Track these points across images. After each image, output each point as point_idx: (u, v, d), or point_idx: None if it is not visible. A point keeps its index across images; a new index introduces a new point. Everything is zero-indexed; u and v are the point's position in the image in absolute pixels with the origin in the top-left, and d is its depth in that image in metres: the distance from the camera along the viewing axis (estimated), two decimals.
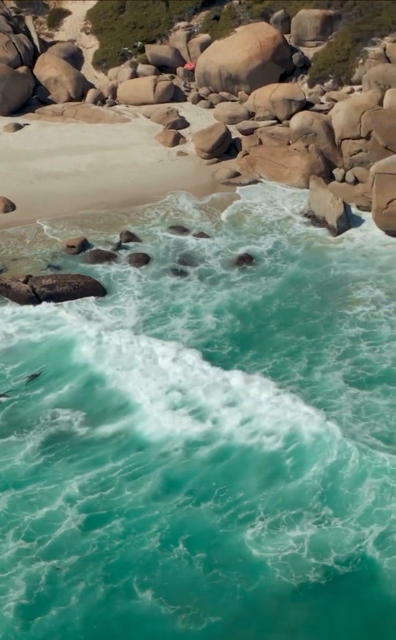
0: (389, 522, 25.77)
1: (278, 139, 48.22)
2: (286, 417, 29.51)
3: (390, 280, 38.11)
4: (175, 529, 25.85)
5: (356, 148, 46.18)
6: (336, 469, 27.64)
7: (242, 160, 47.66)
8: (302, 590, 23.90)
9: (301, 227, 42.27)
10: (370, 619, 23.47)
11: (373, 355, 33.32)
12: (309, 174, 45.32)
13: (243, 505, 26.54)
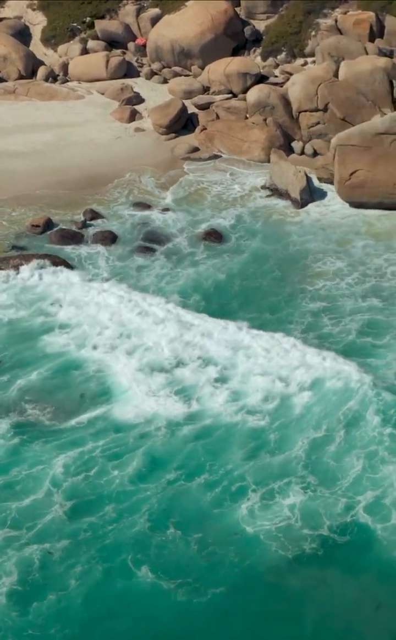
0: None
1: (235, 113, 47.58)
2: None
3: (349, 253, 37.98)
4: (166, 508, 25.47)
5: (314, 120, 45.78)
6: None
7: (200, 135, 46.91)
8: (298, 561, 23.81)
9: (263, 201, 41.82)
10: (365, 585, 23.47)
11: (336, 328, 33.34)
12: (269, 147, 44.92)
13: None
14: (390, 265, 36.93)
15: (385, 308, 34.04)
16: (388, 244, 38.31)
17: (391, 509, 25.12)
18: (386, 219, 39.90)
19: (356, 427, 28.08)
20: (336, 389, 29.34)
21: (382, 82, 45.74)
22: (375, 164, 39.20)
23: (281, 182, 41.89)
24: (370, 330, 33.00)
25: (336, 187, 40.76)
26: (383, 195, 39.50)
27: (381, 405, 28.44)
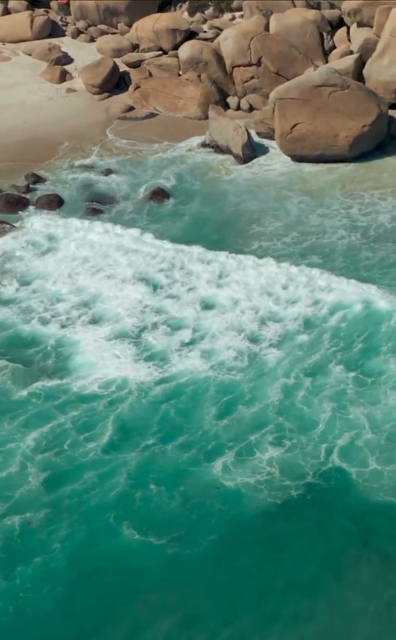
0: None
1: (168, 70, 46.54)
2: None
3: (288, 212, 37.30)
4: (144, 470, 24.95)
5: (248, 75, 45.20)
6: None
7: (134, 94, 45.73)
8: (281, 507, 23.66)
9: (204, 158, 41.00)
10: (351, 524, 23.41)
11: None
12: (205, 103, 44.13)
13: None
14: (328, 221, 36.49)
15: (327, 264, 33.73)
16: (323, 200, 37.83)
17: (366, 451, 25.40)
18: (323, 175, 39.52)
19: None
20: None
21: (313, 35, 45.38)
22: (315, 116, 38.91)
23: (221, 138, 41.20)
24: None
25: (277, 141, 40.23)
26: (324, 147, 39.23)
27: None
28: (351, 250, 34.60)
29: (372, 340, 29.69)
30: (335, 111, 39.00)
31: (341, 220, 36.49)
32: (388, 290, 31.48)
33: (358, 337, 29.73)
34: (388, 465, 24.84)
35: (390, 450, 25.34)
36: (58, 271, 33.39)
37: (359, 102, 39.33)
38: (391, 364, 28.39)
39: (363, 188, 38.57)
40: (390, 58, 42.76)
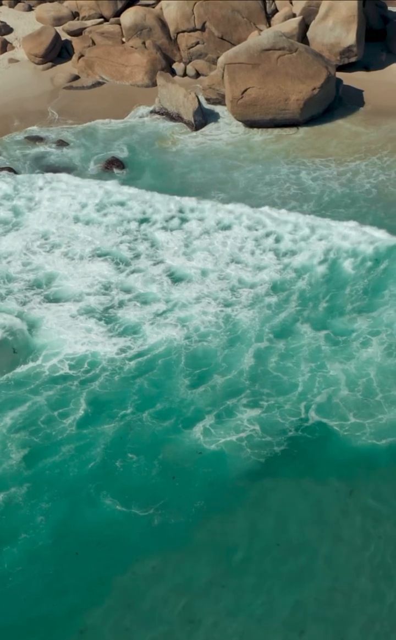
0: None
1: (111, 38, 45.40)
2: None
3: (235, 184, 36.53)
4: (122, 441, 24.68)
5: (193, 41, 44.38)
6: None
7: (78, 63, 44.43)
8: (264, 466, 23.60)
9: (155, 127, 40.17)
10: (336, 476, 23.48)
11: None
12: (151, 70, 43.27)
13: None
14: (277, 190, 36.03)
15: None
16: (269, 169, 37.29)
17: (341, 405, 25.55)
18: (270, 144, 39.01)
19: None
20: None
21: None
22: (265, 80, 38.47)
23: (171, 106, 40.52)
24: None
25: (228, 107, 39.66)
26: (275, 111, 38.86)
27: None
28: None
29: (337, 300, 29.77)
30: (285, 75, 38.66)
31: (289, 190, 36.03)
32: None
33: (324, 298, 29.72)
34: (368, 418, 25.01)
35: (367, 404, 25.47)
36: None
37: (308, 65, 39.00)
38: (358, 321, 28.48)
39: (309, 155, 38.09)
40: (333, 20, 42.44)
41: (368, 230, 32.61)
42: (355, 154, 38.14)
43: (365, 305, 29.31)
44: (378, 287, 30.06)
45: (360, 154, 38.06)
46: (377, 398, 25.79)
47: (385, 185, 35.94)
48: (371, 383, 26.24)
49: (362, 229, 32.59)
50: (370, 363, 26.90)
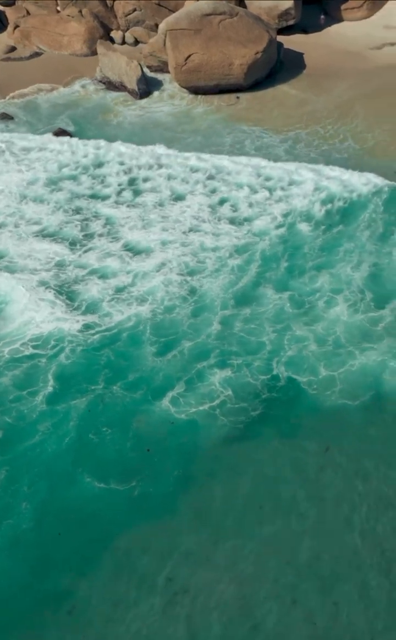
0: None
1: (46, 7, 43.42)
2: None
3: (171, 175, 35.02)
4: (93, 416, 23.80)
5: (130, 7, 42.77)
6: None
7: (14, 33, 42.52)
8: (240, 430, 23.07)
9: (98, 98, 38.89)
10: (312, 431, 23.22)
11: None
12: (90, 39, 41.80)
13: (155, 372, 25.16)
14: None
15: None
16: (211, 140, 36.47)
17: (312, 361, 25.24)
18: (211, 114, 38.20)
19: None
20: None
21: None
22: (208, 46, 37.37)
23: (113, 74, 39.19)
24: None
25: (172, 74, 38.51)
26: (220, 77, 37.94)
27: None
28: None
29: (297, 261, 29.39)
30: (227, 39, 37.67)
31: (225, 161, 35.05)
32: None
33: (283, 259, 29.34)
34: (338, 369, 24.70)
35: (336, 357, 25.18)
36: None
37: (249, 29, 38.14)
38: (320, 280, 28.15)
39: (251, 125, 37.42)
40: None
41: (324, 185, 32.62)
42: (297, 123, 37.32)
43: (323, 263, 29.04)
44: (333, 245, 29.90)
45: (302, 123, 37.26)
46: (345, 348, 25.54)
47: (329, 153, 35.46)
48: (338, 340, 25.89)
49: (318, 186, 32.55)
50: (336, 321, 26.57)
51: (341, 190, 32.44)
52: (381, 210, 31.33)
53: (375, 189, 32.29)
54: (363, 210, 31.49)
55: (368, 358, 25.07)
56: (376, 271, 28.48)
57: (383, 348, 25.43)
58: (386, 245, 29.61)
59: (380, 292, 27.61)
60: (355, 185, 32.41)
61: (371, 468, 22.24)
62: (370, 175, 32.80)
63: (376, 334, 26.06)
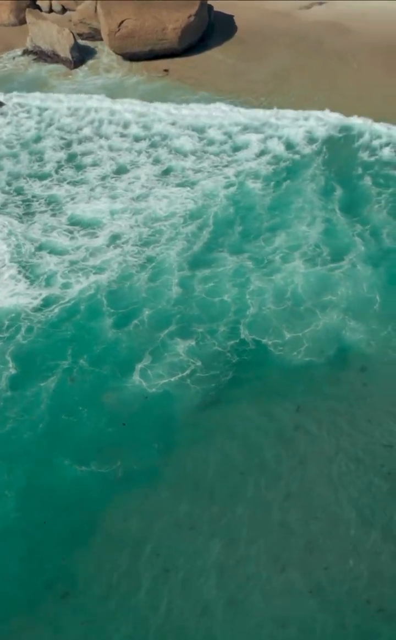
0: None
1: None
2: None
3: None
4: (60, 397, 22.72)
5: None
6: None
7: None
8: (213, 397, 22.60)
9: (30, 72, 37.21)
10: (283, 389, 22.92)
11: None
12: (16, 8, 39.49)
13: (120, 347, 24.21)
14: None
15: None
16: (148, 110, 35.11)
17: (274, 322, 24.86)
18: (142, 84, 36.92)
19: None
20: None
21: None
22: (140, 11, 35.82)
23: (45, 44, 37.43)
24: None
25: (106, 41, 36.85)
26: (154, 42, 36.59)
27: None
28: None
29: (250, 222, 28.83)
30: (159, 4, 36.01)
31: (166, 128, 34.27)
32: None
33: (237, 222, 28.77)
34: (302, 330, 24.38)
35: (298, 317, 24.84)
36: None
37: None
38: (276, 240, 27.71)
39: (183, 94, 36.19)
40: None
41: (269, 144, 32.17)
42: (230, 93, 36.21)
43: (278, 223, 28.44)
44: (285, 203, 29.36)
45: (234, 94, 36.17)
46: (307, 306, 25.23)
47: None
48: (298, 295, 25.57)
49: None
50: (294, 275, 26.23)
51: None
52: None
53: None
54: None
55: (330, 316, 24.83)
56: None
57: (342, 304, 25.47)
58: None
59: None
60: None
61: (343, 425, 21.93)
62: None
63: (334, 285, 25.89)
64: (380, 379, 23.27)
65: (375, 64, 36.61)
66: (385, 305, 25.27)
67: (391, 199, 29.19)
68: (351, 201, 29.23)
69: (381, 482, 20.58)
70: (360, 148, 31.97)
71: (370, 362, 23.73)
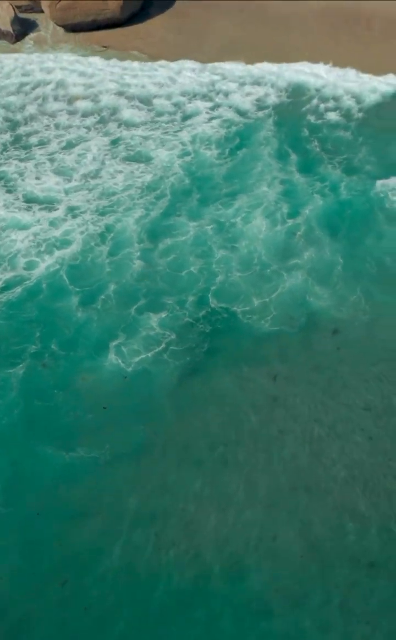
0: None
1: None
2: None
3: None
4: (34, 383, 21.83)
5: None
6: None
7: None
8: (190, 372, 22.10)
9: None
10: (255, 363, 22.48)
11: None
12: None
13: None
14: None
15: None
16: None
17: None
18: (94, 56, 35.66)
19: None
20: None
21: None
22: None
23: None
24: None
25: (47, 12, 35.05)
26: (96, 12, 35.07)
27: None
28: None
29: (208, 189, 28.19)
30: None
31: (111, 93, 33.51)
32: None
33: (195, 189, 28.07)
34: (269, 295, 24.03)
35: (266, 281, 24.48)
36: None
37: None
38: (236, 205, 27.12)
39: (129, 60, 35.27)
40: None
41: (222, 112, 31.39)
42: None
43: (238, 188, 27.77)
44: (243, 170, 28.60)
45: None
46: (272, 269, 24.77)
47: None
48: (261, 257, 25.07)
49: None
50: (255, 236, 25.62)
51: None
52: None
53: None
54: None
55: (296, 279, 24.36)
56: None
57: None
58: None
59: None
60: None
61: (320, 391, 21.72)
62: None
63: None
64: (352, 342, 22.88)
65: (322, 30, 36.06)
66: (347, 266, 24.86)
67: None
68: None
69: (364, 445, 20.55)
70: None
71: (341, 325, 23.30)
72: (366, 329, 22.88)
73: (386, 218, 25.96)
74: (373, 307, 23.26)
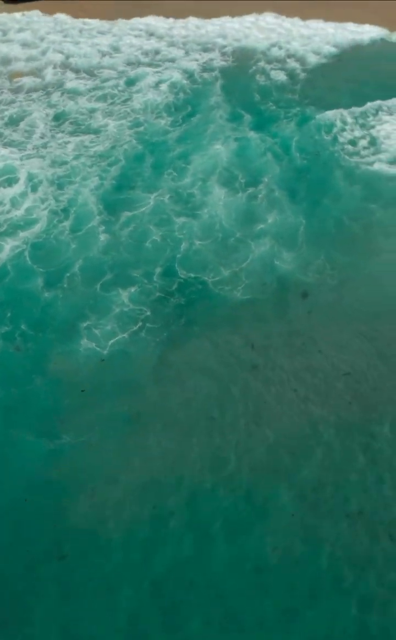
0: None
1: None
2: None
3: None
4: (12, 365, 21.00)
5: None
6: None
7: None
8: (168, 348, 21.60)
9: None
10: (228, 333, 22.20)
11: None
12: None
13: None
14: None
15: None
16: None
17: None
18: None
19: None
20: None
21: None
22: None
23: None
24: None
25: None
26: None
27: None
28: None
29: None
30: None
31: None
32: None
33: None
34: (238, 265, 23.51)
35: (231, 250, 23.99)
36: None
37: None
38: (189, 175, 26.00)
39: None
40: None
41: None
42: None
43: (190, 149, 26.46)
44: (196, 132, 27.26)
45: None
46: (237, 236, 24.14)
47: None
48: (224, 226, 24.31)
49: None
50: (216, 202, 24.89)
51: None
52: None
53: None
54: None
55: (263, 245, 23.63)
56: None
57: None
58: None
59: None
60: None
61: (298, 358, 21.36)
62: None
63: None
64: (323, 305, 22.52)
65: None
66: (310, 226, 24.30)
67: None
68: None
69: (346, 412, 20.72)
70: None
71: (310, 288, 22.98)
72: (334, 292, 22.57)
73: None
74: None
